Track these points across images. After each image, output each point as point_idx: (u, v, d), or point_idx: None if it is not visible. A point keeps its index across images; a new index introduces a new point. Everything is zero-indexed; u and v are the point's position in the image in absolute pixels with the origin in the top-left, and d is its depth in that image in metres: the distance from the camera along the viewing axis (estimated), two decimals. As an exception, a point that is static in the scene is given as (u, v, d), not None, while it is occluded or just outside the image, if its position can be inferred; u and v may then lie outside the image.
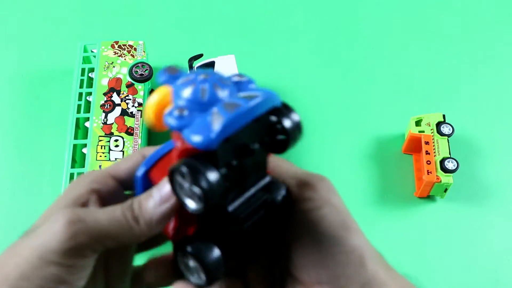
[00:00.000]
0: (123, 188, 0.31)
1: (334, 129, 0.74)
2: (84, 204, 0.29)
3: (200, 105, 0.24)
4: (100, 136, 0.65)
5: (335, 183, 0.31)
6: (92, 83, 0.70)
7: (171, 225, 0.29)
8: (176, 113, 0.24)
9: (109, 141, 0.65)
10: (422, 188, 0.67)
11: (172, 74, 0.27)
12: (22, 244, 0.28)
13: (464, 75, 0.81)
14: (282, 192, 0.28)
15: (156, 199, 0.27)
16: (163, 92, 0.26)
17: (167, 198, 0.27)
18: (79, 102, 0.68)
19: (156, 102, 0.26)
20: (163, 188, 0.27)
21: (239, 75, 0.27)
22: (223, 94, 0.25)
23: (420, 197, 0.70)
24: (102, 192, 0.30)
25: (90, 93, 0.69)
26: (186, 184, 0.24)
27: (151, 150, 0.31)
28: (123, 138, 0.65)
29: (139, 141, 0.65)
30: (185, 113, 0.24)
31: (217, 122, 0.23)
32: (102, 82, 0.69)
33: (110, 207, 0.28)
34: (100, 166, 0.63)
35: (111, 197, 0.31)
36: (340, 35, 0.84)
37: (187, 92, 0.25)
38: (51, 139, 0.72)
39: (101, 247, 0.28)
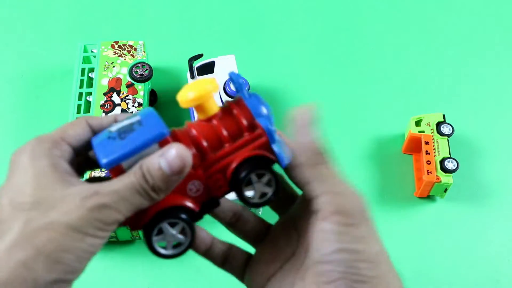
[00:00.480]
0: (74, 152, 0.33)
1: (334, 129, 0.74)
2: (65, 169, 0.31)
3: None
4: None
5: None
6: (92, 83, 0.70)
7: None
8: (272, 127, 0.33)
9: (109, 141, 0.65)
10: (422, 188, 0.67)
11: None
12: (45, 216, 0.28)
13: (464, 75, 0.81)
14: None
15: (166, 169, 0.30)
16: (213, 88, 0.32)
17: (180, 170, 0.30)
18: (79, 102, 0.68)
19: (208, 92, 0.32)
20: (176, 160, 0.30)
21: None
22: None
23: (420, 197, 0.70)
24: (66, 157, 0.32)
25: (90, 93, 0.69)
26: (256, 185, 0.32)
27: (96, 119, 0.34)
28: (123, 138, 0.65)
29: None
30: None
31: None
32: (102, 82, 0.69)
33: (122, 177, 0.30)
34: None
35: (72, 161, 0.33)
36: (340, 35, 0.84)
37: (265, 111, 0.33)
38: (51, 139, 0.72)
39: (123, 216, 0.30)
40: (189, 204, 0.32)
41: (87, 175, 0.55)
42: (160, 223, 0.32)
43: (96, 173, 0.60)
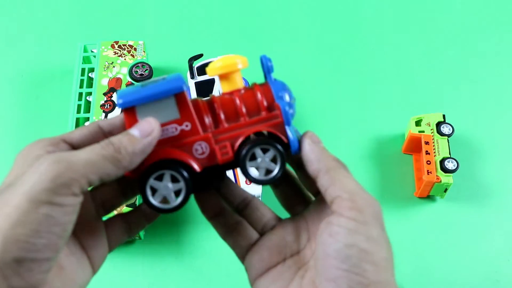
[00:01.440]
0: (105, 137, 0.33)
1: (334, 129, 0.74)
2: None
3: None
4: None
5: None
6: (92, 83, 0.70)
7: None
8: (290, 111, 0.34)
9: (109, 141, 0.65)
10: (422, 188, 0.67)
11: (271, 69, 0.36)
12: (6, 194, 0.28)
13: (464, 75, 0.81)
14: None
15: (135, 133, 0.31)
16: (242, 62, 0.35)
17: (149, 132, 0.31)
18: (79, 102, 0.68)
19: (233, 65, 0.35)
20: (144, 125, 0.31)
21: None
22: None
23: (420, 197, 0.70)
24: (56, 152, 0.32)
25: (90, 93, 0.69)
26: (259, 159, 0.33)
27: (107, 120, 0.34)
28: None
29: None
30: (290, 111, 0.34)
31: None
32: (102, 82, 0.69)
33: (87, 147, 0.30)
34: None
35: (87, 140, 0.33)
36: (340, 35, 0.84)
37: (287, 98, 0.35)
38: (51, 139, 0.72)
39: (87, 182, 0.29)
40: (192, 162, 0.33)
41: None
42: (159, 171, 0.32)
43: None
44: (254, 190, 0.62)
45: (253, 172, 0.33)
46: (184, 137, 0.33)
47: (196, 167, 0.33)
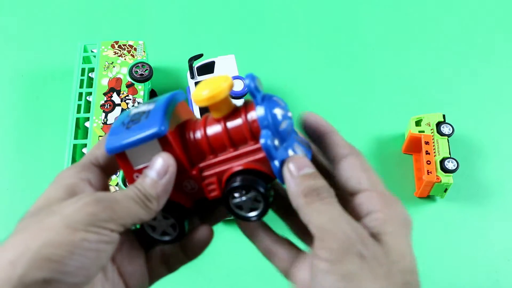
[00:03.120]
0: (104, 173, 0.33)
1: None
2: (79, 192, 0.31)
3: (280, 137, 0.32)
4: (100, 136, 0.65)
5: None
6: (92, 83, 0.70)
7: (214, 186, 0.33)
8: (275, 143, 0.31)
9: (109, 141, 0.65)
10: (422, 188, 0.67)
11: (258, 88, 0.31)
12: (40, 217, 0.28)
13: (464, 75, 0.81)
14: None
15: (153, 176, 0.31)
16: (227, 87, 0.31)
17: (164, 172, 0.31)
18: (79, 102, 0.68)
19: (221, 92, 0.31)
20: (157, 164, 0.31)
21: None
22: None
23: (420, 197, 0.70)
24: (91, 180, 0.32)
25: (90, 93, 0.69)
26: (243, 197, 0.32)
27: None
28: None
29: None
30: (277, 144, 0.31)
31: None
32: (102, 82, 0.69)
33: (121, 192, 0.31)
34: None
35: (99, 183, 0.33)
36: (340, 35, 0.84)
37: (284, 125, 0.31)
38: (51, 139, 0.73)
39: (122, 224, 0.29)
40: (181, 200, 0.33)
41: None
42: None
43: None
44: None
45: (238, 210, 0.32)
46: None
47: (185, 203, 0.33)
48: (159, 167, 0.31)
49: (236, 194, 0.32)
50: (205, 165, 0.32)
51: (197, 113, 0.66)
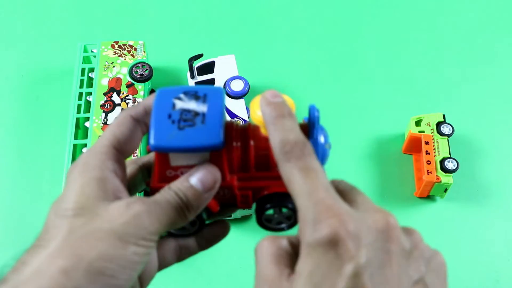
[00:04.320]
0: (123, 156, 0.32)
1: (334, 129, 0.73)
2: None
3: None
4: (100, 136, 0.65)
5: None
6: (92, 83, 0.70)
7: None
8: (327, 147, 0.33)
9: (109, 141, 0.65)
10: (422, 188, 0.67)
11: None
12: (85, 222, 0.28)
13: (464, 75, 0.81)
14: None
15: (199, 187, 0.30)
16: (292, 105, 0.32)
17: (210, 187, 0.31)
18: (79, 102, 0.68)
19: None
20: (205, 177, 0.31)
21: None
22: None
23: (420, 197, 0.69)
24: (116, 171, 0.31)
25: (90, 93, 0.69)
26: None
27: (137, 109, 0.33)
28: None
29: (139, 141, 0.65)
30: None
31: None
32: (102, 82, 0.69)
33: (160, 196, 0.30)
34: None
35: (122, 173, 0.32)
36: (340, 35, 0.84)
37: (322, 139, 0.33)
38: (51, 139, 0.72)
39: (162, 231, 0.30)
40: (211, 204, 0.33)
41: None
42: None
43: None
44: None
45: (267, 223, 0.34)
46: None
47: (214, 208, 0.33)
48: (208, 180, 0.31)
49: (270, 218, 0.33)
50: (244, 176, 0.32)
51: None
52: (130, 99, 0.68)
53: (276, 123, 0.29)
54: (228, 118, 0.67)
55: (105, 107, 0.67)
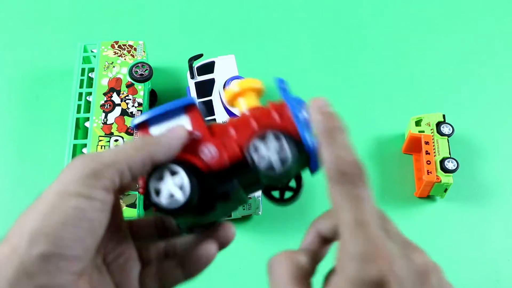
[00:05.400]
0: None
1: (334, 129, 0.74)
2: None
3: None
4: (100, 136, 0.65)
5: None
6: (92, 83, 0.70)
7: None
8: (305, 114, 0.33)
9: (109, 141, 0.65)
10: (422, 188, 0.67)
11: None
12: (42, 194, 0.27)
13: (464, 75, 0.81)
14: None
15: (163, 130, 0.30)
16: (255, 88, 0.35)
17: (176, 129, 0.30)
18: (79, 102, 0.68)
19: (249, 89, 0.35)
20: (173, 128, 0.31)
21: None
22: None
23: (420, 197, 0.70)
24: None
25: (90, 93, 0.69)
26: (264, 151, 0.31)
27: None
28: (123, 138, 0.65)
29: (139, 141, 0.65)
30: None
31: None
32: (102, 82, 0.69)
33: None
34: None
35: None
36: (340, 35, 0.84)
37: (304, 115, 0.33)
38: (51, 139, 0.73)
39: (116, 172, 0.27)
40: (194, 159, 0.31)
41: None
42: (157, 169, 0.30)
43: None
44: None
45: (270, 171, 0.31)
46: (193, 143, 0.32)
47: (198, 163, 0.31)
48: (174, 126, 0.31)
49: (260, 145, 0.31)
50: (227, 138, 0.32)
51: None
52: (130, 99, 0.68)
53: (331, 136, 0.28)
54: (227, 117, 0.67)
55: (105, 107, 0.67)
